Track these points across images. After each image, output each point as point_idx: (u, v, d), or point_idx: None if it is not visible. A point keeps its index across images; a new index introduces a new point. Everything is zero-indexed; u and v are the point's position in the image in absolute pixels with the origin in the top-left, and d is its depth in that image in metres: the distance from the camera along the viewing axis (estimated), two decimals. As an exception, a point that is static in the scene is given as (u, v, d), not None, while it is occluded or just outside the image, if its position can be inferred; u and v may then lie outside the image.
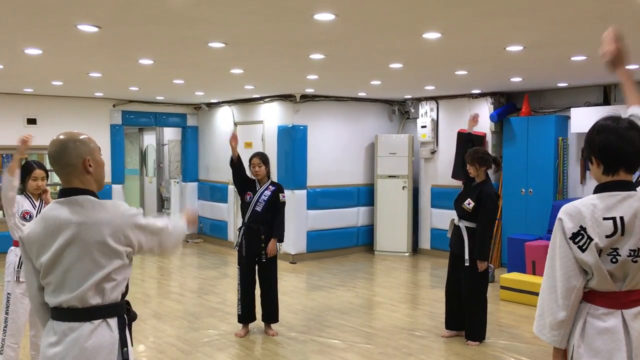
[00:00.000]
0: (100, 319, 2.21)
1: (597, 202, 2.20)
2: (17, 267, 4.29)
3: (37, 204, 4.35)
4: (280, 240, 5.61)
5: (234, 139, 5.67)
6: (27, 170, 4.40)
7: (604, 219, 2.17)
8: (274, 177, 8.84)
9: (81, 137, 2.30)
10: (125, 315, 2.30)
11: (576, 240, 2.18)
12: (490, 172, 5.50)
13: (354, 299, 7.01)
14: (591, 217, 2.17)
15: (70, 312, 2.19)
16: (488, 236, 5.28)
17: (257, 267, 5.58)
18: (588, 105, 7.89)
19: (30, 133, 4.47)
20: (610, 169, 2.22)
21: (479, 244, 5.19)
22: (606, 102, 7.86)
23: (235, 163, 5.62)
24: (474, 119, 5.80)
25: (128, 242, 2.24)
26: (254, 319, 5.66)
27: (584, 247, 2.17)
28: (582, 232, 2.17)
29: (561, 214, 2.23)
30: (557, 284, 2.23)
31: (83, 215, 2.19)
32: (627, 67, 2.43)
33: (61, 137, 2.28)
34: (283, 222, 5.62)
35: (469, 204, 5.26)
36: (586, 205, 2.20)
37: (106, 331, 2.21)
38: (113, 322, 2.23)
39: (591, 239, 2.16)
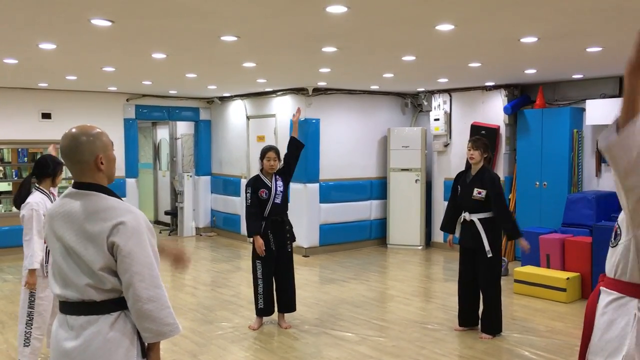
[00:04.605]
0: (119, 310, 2.22)
1: None
2: (45, 263, 4.27)
3: (52, 198, 4.35)
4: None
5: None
6: (58, 165, 4.38)
7: None
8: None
9: (94, 132, 2.27)
10: None
11: None
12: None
13: (367, 292, 7.01)
14: None
15: (87, 305, 2.19)
16: (510, 214, 5.32)
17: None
18: (604, 97, 7.80)
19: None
20: None
21: (510, 224, 5.20)
22: (622, 94, 7.76)
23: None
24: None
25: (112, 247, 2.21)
26: (274, 311, 5.69)
27: None
28: None
29: None
30: None
31: (91, 211, 2.20)
32: None
33: (73, 131, 2.26)
34: None
35: (479, 193, 5.20)
36: None
37: (126, 322, 2.23)
38: (129, 312, 2.23)
39: None
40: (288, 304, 5.69)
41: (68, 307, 2.23)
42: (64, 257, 2.21)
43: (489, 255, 5.17)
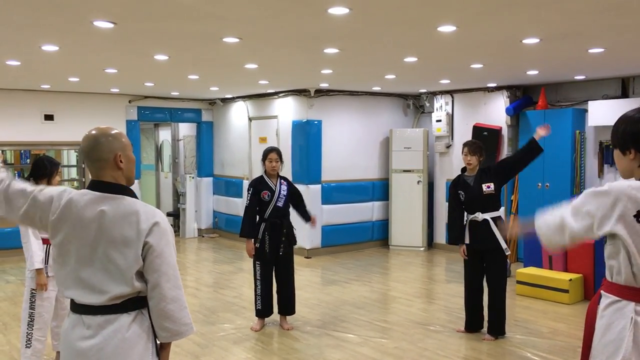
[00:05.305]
0: (137, 309, 2.24)
1: None
2: (45, 263, 4.28)
3: None
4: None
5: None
6: (54, 166, 4.37)
7: None
8: (288, 172, 8.86)
9: (113, 132, 2.33)
10: None
11: None
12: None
13: (369, 293, 7.01)
14: None
15: (106, 306, 2.20)
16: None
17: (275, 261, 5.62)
18: (606, 98, 7.79)
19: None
20: None
21: (527, 144, 5.43)
22: (624, 94, 7.76)
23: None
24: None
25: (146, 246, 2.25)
26: (272, 313, 5.70)
27: None
28: None
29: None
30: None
31: (122, 215, 2.21)
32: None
33: (93, 132, 2.32)
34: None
35: (488, 187, 5.20)
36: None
37: (143, 321, 2.25)
38: (146, 312, 2.27)
39: None
40: (286, 307, 5.69)
41: (85, 309, 2.23)
42: (87, 263, 2.21)
43: (507, 252, 5.23)
